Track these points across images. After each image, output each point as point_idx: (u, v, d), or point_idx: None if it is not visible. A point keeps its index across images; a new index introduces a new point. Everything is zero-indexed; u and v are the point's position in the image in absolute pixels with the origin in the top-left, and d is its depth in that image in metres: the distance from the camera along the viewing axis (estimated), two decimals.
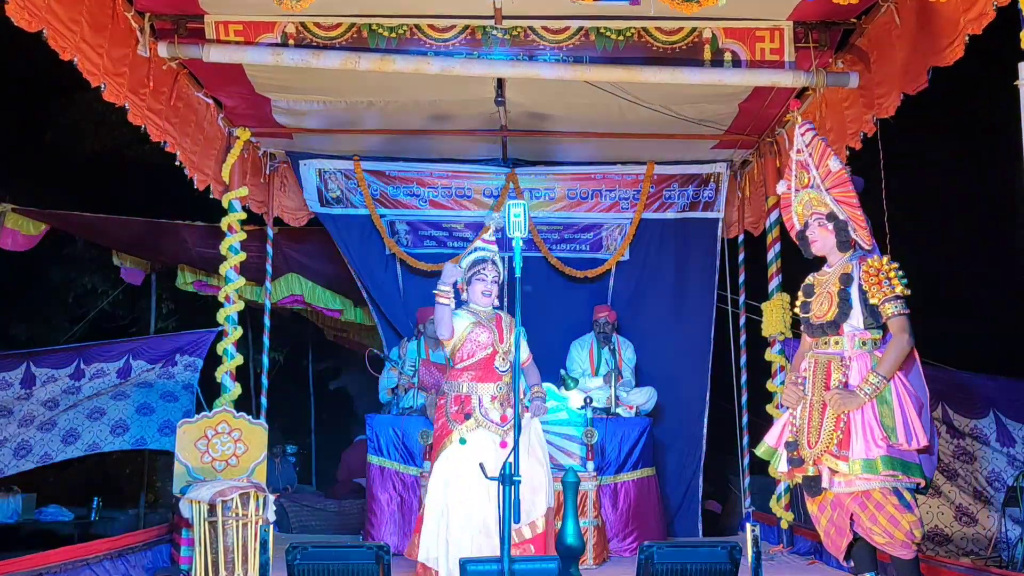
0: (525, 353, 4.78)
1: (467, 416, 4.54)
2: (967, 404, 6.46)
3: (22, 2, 3.83)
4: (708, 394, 7.30)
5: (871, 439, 3.63)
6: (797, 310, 4.14)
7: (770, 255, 6.45)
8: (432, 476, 4.57)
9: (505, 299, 7.38)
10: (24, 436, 6.04)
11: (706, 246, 7.43)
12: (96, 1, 4.43)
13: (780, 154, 6.39)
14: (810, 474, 3.79)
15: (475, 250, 4.77)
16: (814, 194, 3.99)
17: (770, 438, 4.09)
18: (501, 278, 4.74)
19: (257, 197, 6.98)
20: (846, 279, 3.81)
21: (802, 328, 4.08)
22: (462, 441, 4.50)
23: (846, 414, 3.69)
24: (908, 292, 3.74)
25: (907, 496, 3.68)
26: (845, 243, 3.90)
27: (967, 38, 4.04)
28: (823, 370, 3.84)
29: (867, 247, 3.90)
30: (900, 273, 3.75)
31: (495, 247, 4.76)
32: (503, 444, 4.50)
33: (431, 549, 4.45)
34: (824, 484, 3.75)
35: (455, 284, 4.64)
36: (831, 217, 3.92)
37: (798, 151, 4.07)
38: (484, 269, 4.68)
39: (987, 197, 9.09)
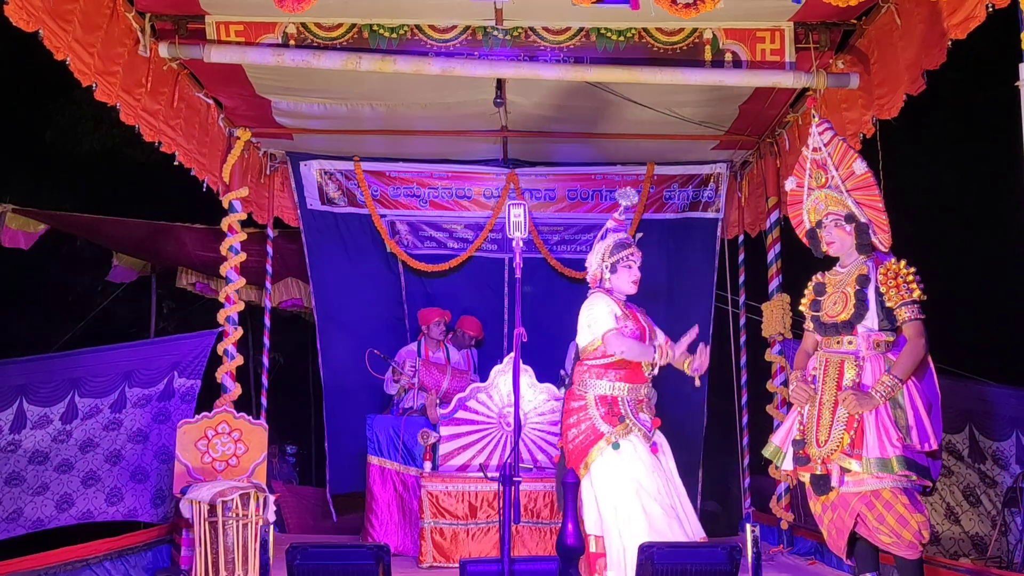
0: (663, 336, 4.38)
1: (620, 419, 4.11)
2: (945, 417, 6.44)
3: (20, 2, 3.85)
4: (707, 392, 7.31)
5: (887, 439, 3.63)
6: (803, 308, 4.13)
7: (770, 255, 6.46)
8: (592, 492, 4.06)
9: (505, 299, 7.47)
10: (18, 503, 5.85)
11: (706, 246, 7.45)
12: (93, 1, 4.43)
13: (780, 155, 6.39)
14: (818, 472, 3.78)
15: (608, 232, 4.45)
16: (832, 194, 3.98)
17: (777, 438, 4.08)
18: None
19: (257, 198, 6.99)
20: (863, 280, 3.82)
21: (809, 326, 4.08)
22: (615, 446, 4.05)
23: (859, 414, 3.68)
24: (924, 297, 3.76)
25: (916, 496, 3.69)
26: (866, 245, 3.90)
27: (949, 43, 4.06)
28: (836, 369, 3.84)
29: (884, 250, 3.91)
30: (918, 278, 3.77)
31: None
32: (654, 449, 4.13)
33: None
34: (834, 483, 3.75)
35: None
36: (850, 219, 3.92)
37: (815, 150, 4.06)
38: (632, 255, 4.37)
39: (986, 198, 9.09)
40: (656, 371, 4.25)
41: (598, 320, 4.24)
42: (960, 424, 6.42)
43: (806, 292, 4.13)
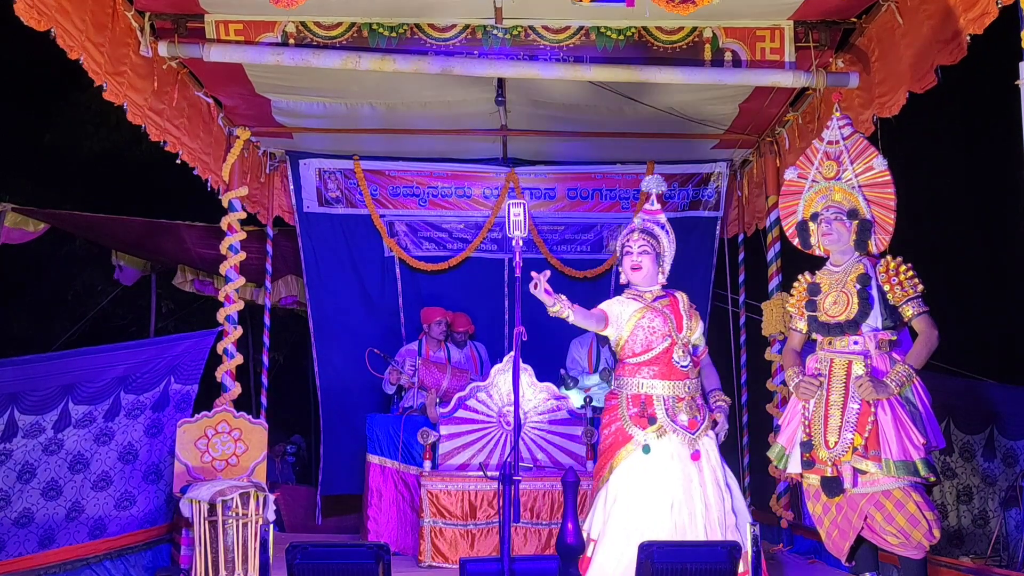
0: (701, 345, 4.18)
1: (651, 420, 3.91)
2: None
3: (31, 1, 3.84)
4: None
5: (908, 441, 3.61)
6: (792, 308, 4.10)
7: (770, 255, 6.46)
8: (607, 493, 3.92)
9: (506, 300, 7.47)
10: (0, 529, 5.84)
11: (705, 245, 7.46)
12: (97, 0, 4.44)
13: (780, 154, 6.39)
14: (828, 475, 3.75)
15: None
16: (841, 187, 3.96)
17: (782, 438, 4.03)
18: (665, 250, 4.11)
19: (256, 197, 6.99)
20: (864, 279, 3.81)
21: (797, 325, 4.06)
22: (646, 450, 3.88)
23: (873, 416, 3.67)
24: (925, 291, 3.77)
25: (927, 495, 3.68)
26: (863, 243, 3.89)
27: (968, 38, 4.05)
28: (843, 369, 3.81)
29: (878, 252, 3.91)
30: (916, 274, 3.78)
31: (656, 216, 4.18)
32: (696, 456, 3.90)
33: None
34: (846, 485, 3.71)
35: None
36: (852, 214, 3.91)
37: (830, 143, 4.04)
38: (629, 241, 4.11)
39: (986, 198, 9.09)
40: (691, 363, 4.02)
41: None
42: (942, 416, 6.44)
43: (795, 292, 4.10)
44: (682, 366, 3.99)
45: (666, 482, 3.83)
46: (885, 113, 4.85)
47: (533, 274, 3.65)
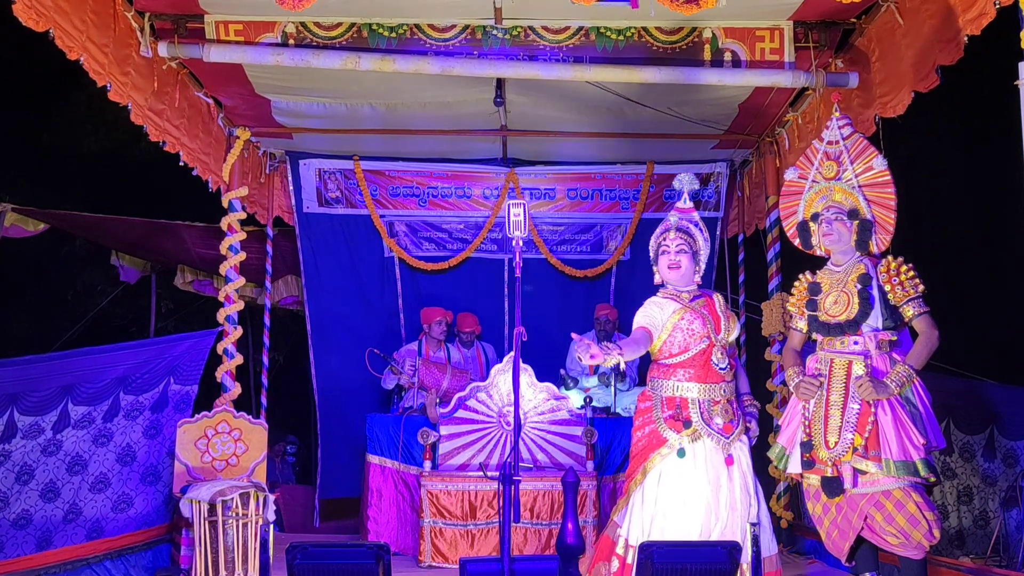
0: (734, 345, 4.07)
1: (686, 423, 3.79)
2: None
3: (29, 1, 3.84)
4: None
5: (908, 441, 3.61)
6: (792, 307, 4.10)
7: (769, 255, 6.46)
8: (643, 498, 3.79)
9: (506, 300, 7.47)
10: None
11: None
12: (99, 1, 4.44)
13: (780, 154, 6.40)
14: (829, 475, 3.74)
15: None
16: (842, 187, 3.96)
17: (782, 438, 4.03)
18: (701, 248, 4.04)
19: (256, 197, 6.99)
20: (865, 279, 3.80)
21: (797, 325, 4.06)
22: (680, 453, 3.76)
23: (873, 417, 3.66)
24: (925, 291, 3.76)
25: (927, 495, 3.68)
26: (864, 243, 3.89)
27: (966, 38, 4.05)
28: (843, 370, 3.80)
29: (879, 252, 3.90)
30: (917, 274, 3.78)
31: (691, 215, 4.04)
32: (729, 460, 3.80)
33: None
34: (847, 485, 3.70)
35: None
36: (853, 214, 3.90)
37: (830, 143, 4.04)
38: (665, 240, 3.99)
39: (986, 198, 9.09)
40: (728, 365, 3.89)
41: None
42: (942, 416, 6.44)
43: (795, 291, 4.10)
44: (720, 368, 3.86)
45: (700, 487, 3.75)
46: (889, 113, 4.85)
47: (574, 335, 3.70)
